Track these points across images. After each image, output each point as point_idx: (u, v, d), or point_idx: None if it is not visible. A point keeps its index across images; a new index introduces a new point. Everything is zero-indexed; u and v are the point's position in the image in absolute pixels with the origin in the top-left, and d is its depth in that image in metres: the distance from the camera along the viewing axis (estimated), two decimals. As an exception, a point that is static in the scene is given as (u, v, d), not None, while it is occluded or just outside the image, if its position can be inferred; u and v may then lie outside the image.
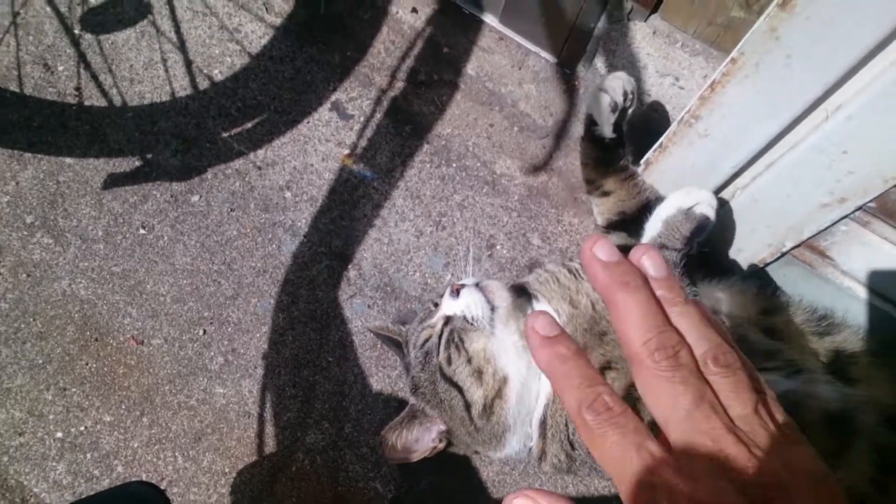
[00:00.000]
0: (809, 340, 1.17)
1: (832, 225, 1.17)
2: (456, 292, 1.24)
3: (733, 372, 0.44)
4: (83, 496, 1.49)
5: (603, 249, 0.49)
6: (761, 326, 1.18)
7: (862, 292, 1.27)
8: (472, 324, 1.21)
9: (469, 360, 1.21)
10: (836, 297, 1.32)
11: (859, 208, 1.11)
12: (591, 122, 1.40)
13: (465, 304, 1.22)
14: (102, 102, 1.76)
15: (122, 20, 1.83)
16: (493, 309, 1.22)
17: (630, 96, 1.39)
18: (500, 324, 1.22)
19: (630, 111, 1.41)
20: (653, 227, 1.23)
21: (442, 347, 1.23)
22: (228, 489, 1.53)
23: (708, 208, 1.19)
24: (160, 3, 1.82)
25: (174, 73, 1.78)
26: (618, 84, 1.36)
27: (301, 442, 1.55)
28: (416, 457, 1.33)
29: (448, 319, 1.25)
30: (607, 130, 1.38)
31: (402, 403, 1.50)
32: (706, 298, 1.23)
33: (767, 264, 1.33)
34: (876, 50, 0.91)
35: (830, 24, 0.90)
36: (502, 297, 1.24)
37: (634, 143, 1.43)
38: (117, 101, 1.76)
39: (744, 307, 1.22)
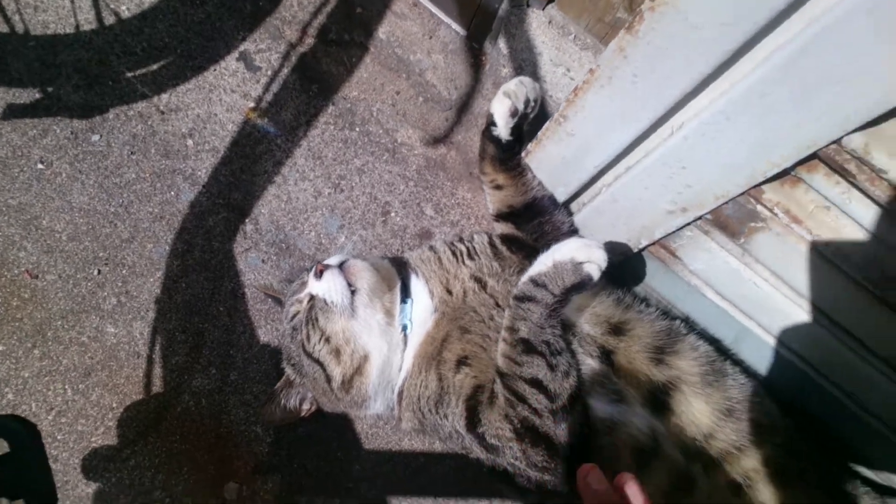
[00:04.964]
0: (644, 367, 1.24)
1: (678, 230, 1.25)
2: (319, 273, 1.29)
3: None
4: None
5: (594, 478, 0.76)
6: (604, 349, 1.25)
7: (706, 290, 1.38)
8: (331, 307, 1.27)
9: (327, 340, 1.28)
10: (687, 291, 1.43)
11: (699, 218, 1.20)
12: (491, 122, 1.40)
13: (326, 289, 1.27)
14: (4, 28, 1.70)
15: (28, -60, 1.74)
16: (353, 291, 1.28)
17: (533, 104, 1.38)
18: (361, 305, 1.28)
19: (532, 115, 1.41)
20: (543, 262, 1.19)
21: (303, 325, 1.30)
22: (115, 423, 1.61)
23: (595, 270, 1.16)
24: (66, -73, 1.74)
25: (80, 5, 1.72)
26: (521, 91, 1.35)
27: (188, 385, 1.62)
28: (292, 419, 1.43)
29: (313, 298, 1.30)
30: (504, 133, 1.38)
31: (286, 356, 1.59)
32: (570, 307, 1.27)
33: (628, 256, 1.42)
34: (706, 81, 0.97)
35: (666, 52, 0.95)
36: (364, 279, 1.29)
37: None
38: (20, 28, 1.70)
39: (596, 322, 1.28)
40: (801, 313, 1.22)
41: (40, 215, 1.65)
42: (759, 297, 1.26)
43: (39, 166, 1.66)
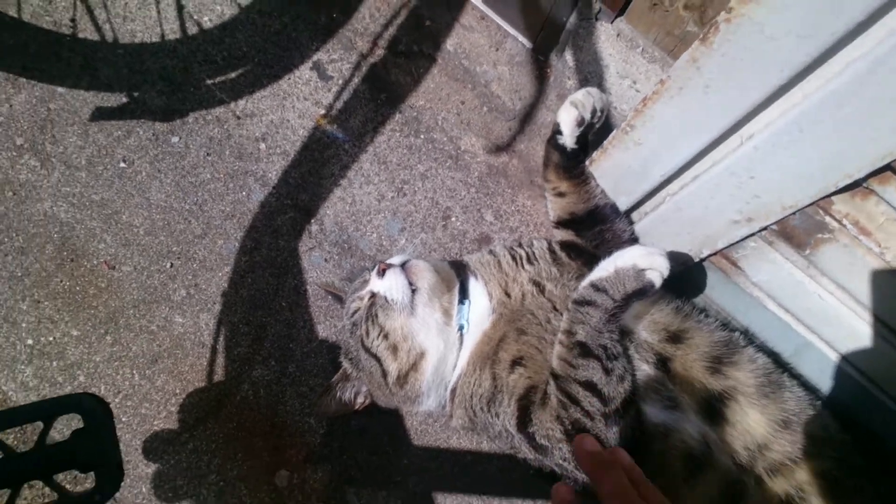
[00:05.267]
0: (700, 375, 1.24)
1: (742, 240, 1.26)
2: (382, 272, 1.33)
3: None
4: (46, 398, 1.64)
5: (588, 442, 0.89)
6: (660, 356, 1.26)
7: (768, 303, 1.38)
8: (391, 304, 1.31)
9: (386, 336, 1.32)
10: (748, 303, 1.43)
11: (764, 229, 1.21)
12: (556, 130, 1.44)
13: (387, 287, 1.32)
14: (95, 36, 1.83)
15: (122, -44, 1.88)
16: (414, 290, 1.32)
17: (599, 114, 1.42)
18: (420, 303, 1.32)
19: (598, 125, 1.45)
20: (605, 268, 1.21)
21: (363, 321, 1.35)
22: (177, 408, 1.68)
23: (657, 277, 1.17)
24: (159, -56, 1.87)
25: (165, 16, 1.84)
26: (588, 101, 1.39)
27: (248, 375, 1.69)
28: (346, 411, 1.47)
29: (374, 295, 1.35)
30: (570, 142, 1.43)
31: (344, 353, 1.64)
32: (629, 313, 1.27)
33: (688, 266, 1.43)
34: (779, 93, 0.99)
35: (740, 64, 0.97)
36: (425, 279, 1.33)
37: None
38: (109, 36, 1.83)
39: (654, 329, 1.29)
40: (866, 328, 1.21)
41: (120, 210, 1.75)
42: (823, 310, 1.25)
43: (122, 165, 1.77)
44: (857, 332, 1.23)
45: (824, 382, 1.37)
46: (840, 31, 0.87)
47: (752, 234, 1.24)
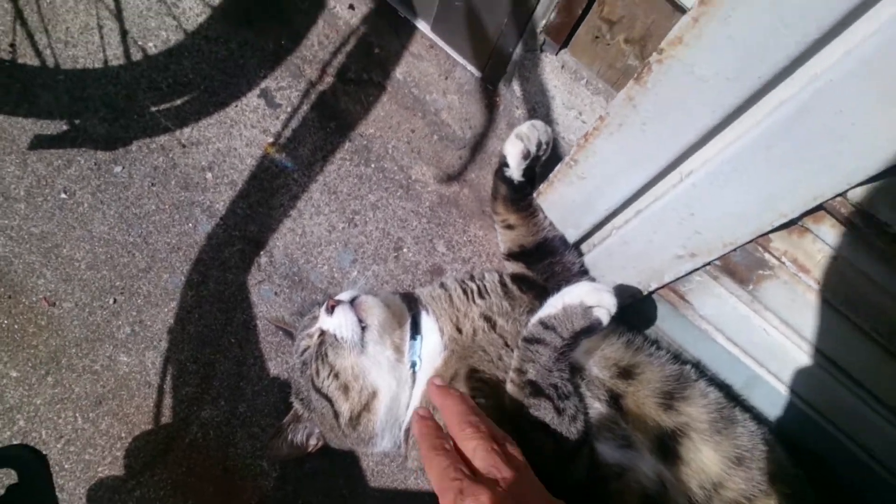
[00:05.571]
0: (652, 412, 1.23)
1: (687, 274, 1.26)
2: (330, 309, 1.30)
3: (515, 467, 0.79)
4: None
5: (424, 411, 0.91)
6: (612, 392, 1.25)
7: (717, 336, 1.38)
8: (341, 343, 1.28)
9: (336, 376, 1.29)
10: (697, 336, 1.43)
11: (707, 264, 1.21)
12: (503, 162, 1.43)
13: (336, 324, 1.28)
14: (36, 62, 1.77)
15: (63, -21, 1.82)
16: (364, 327, 1.29)
17: (545, 147, 1.41)
18: (371, 341, 1.29)
19: (544, 158, 1.43)
20: (553, 305, 1.19)
21: (313, 360, 1.31)
22: (123, 453, 1.62)
23: (605, 314, 1.15)
24: (100, -31, 1.82)
25: (109, 41, 1.79)
26: (533, 134, 1.38)
27: (196, 416, 1.63)
28: (298, 454, 1.43)
29: (323, 333, 1.32)
30: (517, 174, 1.41)
31: (295, 389, 1.59)
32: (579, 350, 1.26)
33: (637, 299, 1.42)
34: (713, 132, 0.99)
35: (674, 103, 0.97)
36: (375, 315, 1.30)
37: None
38: (50, 62, 1.77)
39: (605, 365, 1.28)
40: (810, 362, 1.21)
41: (61, 244, 1.69)
42: (768, 344, 1.25)
43: (63, 196, 1.71)
44: (803, 365, 1.23)
45: (776, 415, 1.37)
46: (766, 75, 0.87)
47: (697, 269, 1.24)
